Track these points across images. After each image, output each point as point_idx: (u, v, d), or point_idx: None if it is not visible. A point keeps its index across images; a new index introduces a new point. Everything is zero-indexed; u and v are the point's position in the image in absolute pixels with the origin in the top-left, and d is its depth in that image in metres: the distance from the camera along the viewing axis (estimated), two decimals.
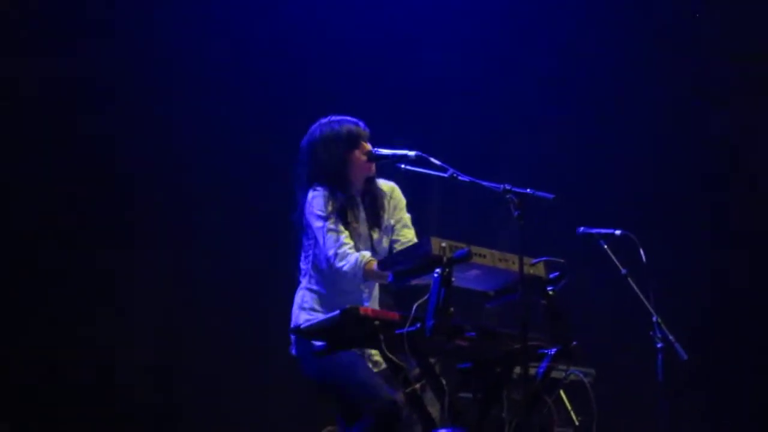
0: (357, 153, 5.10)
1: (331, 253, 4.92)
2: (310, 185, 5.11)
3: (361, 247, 5.04)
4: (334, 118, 5.20)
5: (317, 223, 4.99)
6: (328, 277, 5.04)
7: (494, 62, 9.19)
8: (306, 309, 5.07)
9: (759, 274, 8.87)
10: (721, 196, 9.08)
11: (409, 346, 4.37)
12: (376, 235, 5.14)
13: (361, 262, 4.85)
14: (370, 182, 5.21)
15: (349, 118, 5.20)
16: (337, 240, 4.93)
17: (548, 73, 9.23)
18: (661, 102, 9.23)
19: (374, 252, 5.07)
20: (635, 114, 9.26)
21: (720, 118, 9.07)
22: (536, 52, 9.20)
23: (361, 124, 5.20)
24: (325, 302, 5.04)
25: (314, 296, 5.08)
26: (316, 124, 5.23)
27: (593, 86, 9.19)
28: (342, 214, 5.04)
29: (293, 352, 5.09)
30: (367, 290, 5.13)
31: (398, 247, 5.17)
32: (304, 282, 5.14)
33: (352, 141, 5.11)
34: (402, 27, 8.96)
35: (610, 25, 9.11)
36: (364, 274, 4.86)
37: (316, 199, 5.03)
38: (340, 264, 4.89)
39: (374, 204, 5.18)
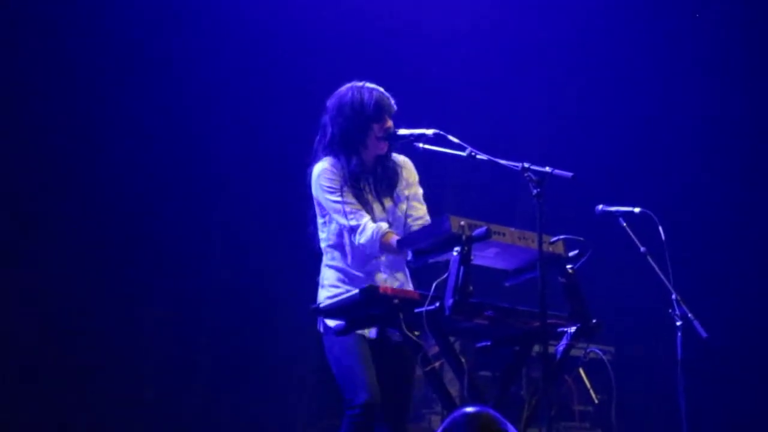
0: (377, 127, 5.04)
1: (347, 225, 4.90)
2: (324, 153, 5.08)
3: (375, 216, 5.01)
4: (367, 84, 5.12)
5: (330, 197, 4.95)
6: (345, 251, 5.02)
7: (513, 41, 9.17)
8: (326, 286, 5.06)
9: None
10: (744, 173, 9.05)
11: (429, 325, 4.37)
12: (388, 204, 5.10)
13: (377, 233, 4.84)
14: (386, 157, 5.16)
15: (380, 89, 5.12)
16: (352, 212, 4.90)
17: (566, 53, 9.21)
18: (680, 79, 9.20)
19: (388, 221, 5.03)
20: (654, 93, 9.23)
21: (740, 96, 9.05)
22: (554, 31, 9.18)
23: (391, 98, 5.12)
24: (346, 277, 5.02)
25: (333, 272, 5.06)
26: (348, 86, 5.14)
27: (612, 64, 9.17)
28: (353, 183, 5.00)
29: (320, 329, 5.09)
30: (386, 263, 5.07)
31: (410, 222, 5.15)
32: (324, 258, 5.11)
33: (378, 114, 5.04)
34: (422, 11, 8.94)
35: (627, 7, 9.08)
36: (380, 245, 4.84)
37: (324, 172, 5.00)
38: (356, 238, 4.87)
39: (386, 173, 5.13)
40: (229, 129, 8.47)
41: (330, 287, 5.04)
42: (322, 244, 5.12)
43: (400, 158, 5.23)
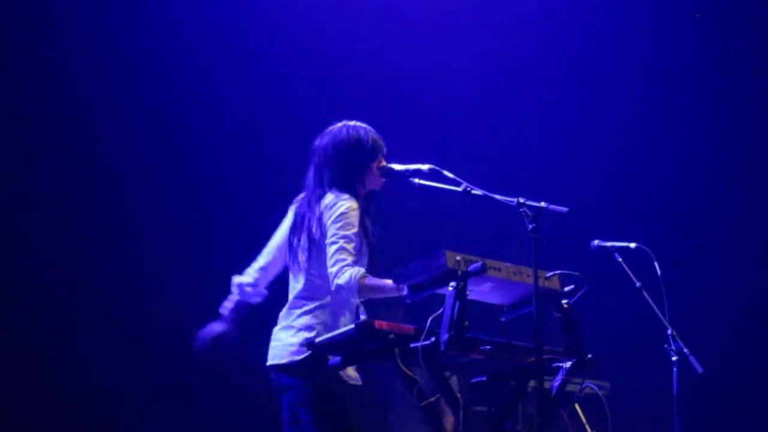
0: (374, 165, 5.05)
1: (333, 269, 4.76)
2: (329, 190, 4.98)
3: (373, 262, 4.94)
4: (358, 124, 5.09)
5: (336, 237, 4.80)
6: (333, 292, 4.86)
7: (505, 73, 9.19)
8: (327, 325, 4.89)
9: None
10: (738, 208, 9.07)
11: (424, 360, 4.37)
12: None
13: (355, 277, 4.71)
14: (376, 193, 5.16)
15: (370, 127, 5.10)
16: (344, 259, 4.76)
17: (560, 86, 9.24)
18: (676, 113, 9.24)
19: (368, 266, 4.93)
20: (650, 128, 9.27)
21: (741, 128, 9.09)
22: (548, 63, 9.22)
23: (380, 136, 5.11)
24: (330, 318, 4.93)
25: (333, 311, 4.94)
26: (340, 125, 5.09)
27: (608, 97, 9.20)
28: (363, 225, 4.93)
29: (295, 361, 4.89)
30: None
31: None
32: (325, 300, 4.95)
33: (375, 152, 5.04)
34: (415, 35, 8.96)
35: (624, 36, 9.12)
36: (359, 289, 4.70)
37: (352, 210, 4.86)
38: (337, 281, 4.73)
39: (371, 214, 5.10)
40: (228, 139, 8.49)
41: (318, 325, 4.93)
42: (325, 283, 4.91)
43: None
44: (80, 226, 7.93)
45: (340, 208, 4.87)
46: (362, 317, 4.85)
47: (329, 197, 4.92)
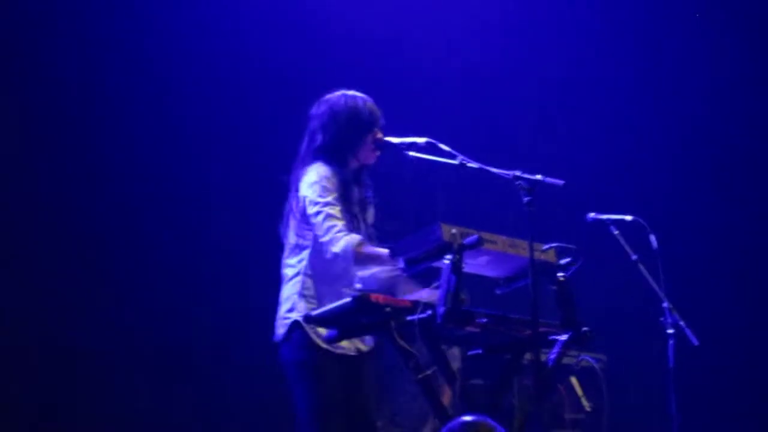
0: (370, 136, 5.03)
1: (326, 239, 4.80)
2: (314, 159, 4.99)
3: (354, 229, 4.93)
4: (358, 94, 5.08)
5: (316, 207, 4.84)
6: (325, 261, 4.91)
7: (502, 47, 9.17)
8: (306, 296, 4.94)
9: None
10: (734, 181, 9.08)
11: (421, 333, 4.37)
12: (369, 217, 5.09)
13: (350, 244, 4.74)
14: (371, 165, 5.14)
15: (369, 98, 5.08)
16: (333, 225, 4.79)
17: (556, 59, 9.23)
18: (672, 85, 9.23)
19: (368, 237, 4.96)
20: (646, 100, 9.26)
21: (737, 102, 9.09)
22: (544, 37, 9.20)
23: (378, 108, 5.09)
24: (322, 287, 4.94)
25: (310, 281, 4.95)
26: (338, 94, 5.09)
27: (603, 70, 9.19)
28: (346, 194, 4.94)
29: (279, 334, 4.99)
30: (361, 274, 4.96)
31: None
32: (300, 266, 4.99)
33: (371, 123, 5.02)
34: (413, 17, 8.94)
35: (626, 13, 9.11)
36: (354, 257, 4.74)
37: (323, 179, 4.90)
38: (329, 249, 4.77)
39: (368, 185, 5.12)
40: (227, 127, 8.47)
41: (310, 298, 4.94)
42: (303, 253, 4.98)
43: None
44: (87, 224, 7.91)
45: (311, 177, 4.91)
46: (356, 286, 4.91)
47: (307, 170, 4.95)
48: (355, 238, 4.77)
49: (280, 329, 4.97)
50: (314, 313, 4.68)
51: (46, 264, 7.64)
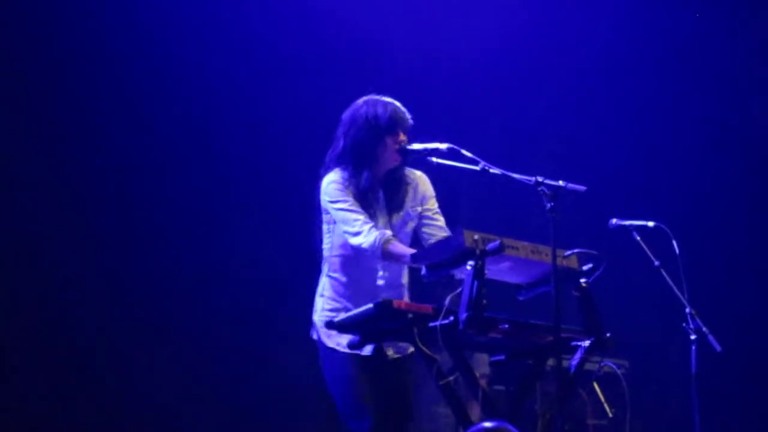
0: (390, 141, 5.03)
1: (351, 230, 4.86)
2: (335, 164, 5.06)
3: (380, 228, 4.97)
4: (383, 99, 5.11)
5: (335, 205, 4.93)
6: (348, 263, 5.00)
7: (526, 54, 9.17)
8: (325, 297, 5.05)
9: None
10: (757, 187, 9.04)
11: (443, 339, 4.38)
12: (396, 219, 5.08)
13: (380, 239, 4.79)
14: (399, 171, 5.14)
15: (395, 103, 5.10)
16: (357, 218, 4.87)
17: (578, 65, 9.22)
18: (694, 90, 9.20)
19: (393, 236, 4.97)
20: (669, 106, 9.24)
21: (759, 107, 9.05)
22: (567, 43, 9.19)
23: (407, 113, 5.10)
24: (345, 290, 5.01)
25: (333, 283, 5.04)
26: (364, 99, 5.14)
27: (627, 76, 9.18)
28: (362, 197, 4.98)
29: (313, 336, 5.11)
30: (384, 279, 5.05)
31: (428, 231, 5.13)
32: (324, 268, 5.09)
33: (391, 127, 5.02)
34: (436, 23, 8.95)
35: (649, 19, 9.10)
36: (382, 252, 4.79)
37: (333, 182, 4.98)
38: (358, 241, 4.83)
39: (398, 190, 5.12)
40: (241, 139, 8.49)
41: (329, 299, 5.04)
42: (325, 254, 5.10)
43: (417, 173, 5.22)
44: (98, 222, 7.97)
45: (328, 181, 5.01)
46: (381, 283, 4.98)
47: (326, 176, 5.05)
48: (387, 233, 4.83)
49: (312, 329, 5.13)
50: (336, 319, 4.71)
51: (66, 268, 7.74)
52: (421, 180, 5.22)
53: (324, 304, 5.05)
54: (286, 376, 8.21)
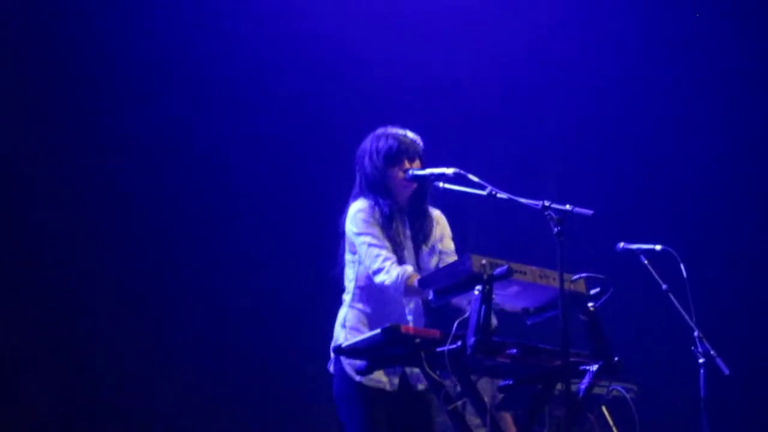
0: (395, 170, 5.06)
1: (374, 267, 4.87)
2: (357, 196, 5.11)
3: (405, 261, 4.98)
4: (387, 131, 5.14)
5: (360, 238, 4.93)
6: (372, 294, 4.99)
7: (530, 75, 9.19)
8: (348, 327, 5.01)
9: None
10: (765, 210, 9.04)
11: (451, 364, 4.38)
12: (425, 250, 5.11)
13: (402, 276, 4.79)
14: (420, 199, 5.16)
15: (399, 133, 5.12)
16: (379, 254, 4.88)
17: (583, 85, 9.23)
18: (701, 114, 9.21)
19: (418, 268, 5.01)
20: (675, 130, 9.24)
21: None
22: (571, 64, 9.21)
23: (411, 140, 5.12)
24: (370, 321, 4.98)
25: (358, 314, 5.02)
26: (372, 134, 5.19)
27: (631, 99, 9.19)
28: (387, 226, 4.99)
29: (330, 369, 5.09)
30: (410, 308, 5.05)
31: None
32: (347, 299, 5.08)
33: (391, 159, 5.05)
34: (440, 45, 8.96)
35: (647, 35, 9.11)
36: (405, 289, 4.79)
37: (360, 211, 4.99)
38: (381, 279, 4.83)
39: (424, 221, 5.14)
40: (259, 164, 8.52)
41: (352, 329, 5.00)
42: (349, 284, 5.08)
43: (436, 212, 5.24)
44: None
45: (352, 212, 5.03)
46: (409, 318, 4.98)
47: (350, 207, 5.08)
48: (408, 269, 4.83)
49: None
50: (344, 344, 4.71)
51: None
52: (440, 219, 5.25)
53: (347, 335, 4.99)
54: (286, 377, 8.20)
